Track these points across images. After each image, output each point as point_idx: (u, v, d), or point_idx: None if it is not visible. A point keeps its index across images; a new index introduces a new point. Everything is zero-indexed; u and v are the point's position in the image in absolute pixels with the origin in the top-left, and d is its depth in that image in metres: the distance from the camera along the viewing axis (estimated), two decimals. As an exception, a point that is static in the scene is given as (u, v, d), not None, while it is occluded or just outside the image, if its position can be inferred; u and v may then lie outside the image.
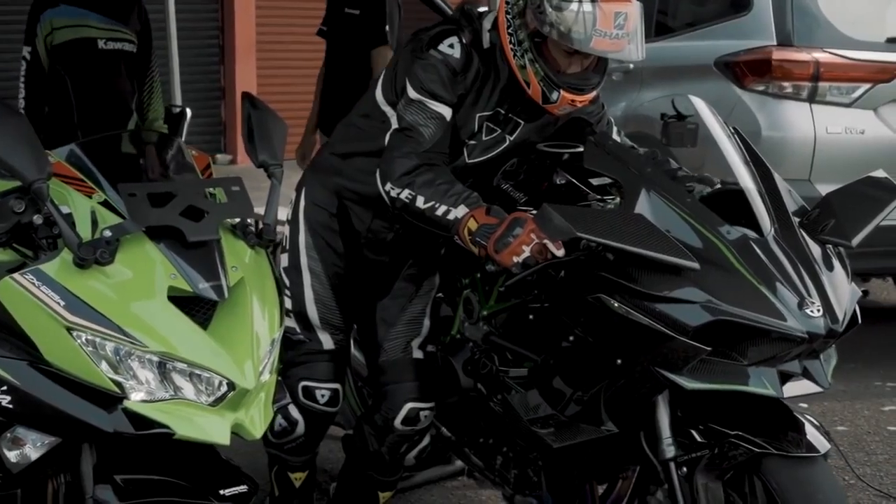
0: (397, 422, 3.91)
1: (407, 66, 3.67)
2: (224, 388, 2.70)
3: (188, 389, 2.69)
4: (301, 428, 3.97)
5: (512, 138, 3.78)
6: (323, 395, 3.95)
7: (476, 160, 3.78)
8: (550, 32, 3.48)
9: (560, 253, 3.27)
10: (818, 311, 3.08)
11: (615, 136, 3.96)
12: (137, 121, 6.31)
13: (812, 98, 6.21)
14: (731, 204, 3.33)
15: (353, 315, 4.03)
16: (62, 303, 2.64)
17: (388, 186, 3.59)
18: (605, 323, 3.18)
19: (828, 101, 6.23)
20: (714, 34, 6.74)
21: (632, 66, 7.23)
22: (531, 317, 3.51)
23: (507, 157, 3.82)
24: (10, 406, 2.70)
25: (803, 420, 3.26)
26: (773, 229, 3.23)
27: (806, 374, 3.19)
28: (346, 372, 4.14)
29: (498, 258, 3.35)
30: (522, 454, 3.72)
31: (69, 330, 2.64)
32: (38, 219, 2.78)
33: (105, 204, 2.80)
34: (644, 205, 3.21)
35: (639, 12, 3.51)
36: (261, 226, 3.00)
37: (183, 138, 7.52)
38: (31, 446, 2.71)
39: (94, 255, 2.68)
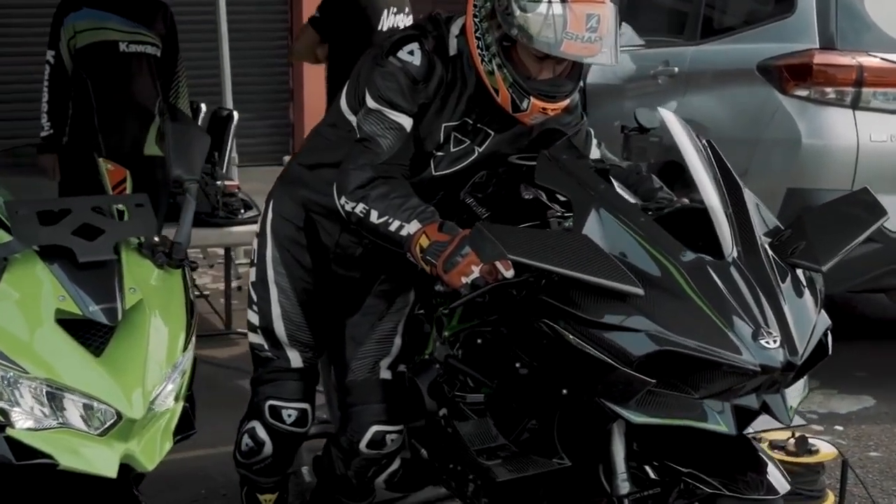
0: (362, 445, 3.74)
1: (367, 74, 3.50)
2: (113, 418, 2.56)
3: (76, 418, 2.55)
4: (268, 448, 3.83)
5: (481, 149, 3.59)
6: (290, 415, 3.80)
7: (443, 172, 3.60)
8: (519, 36, 3.29)
9: (509, 274, 3.09)
10: (774, 341, 2.85)
11: (594, 149, 3.76)
12: (161, 124, 6.24)
13: (855, 104, 5.90)
14: (695, 223, 3.11)
15: (324, 332, 3.88)
16: None
17: (343, 200, 3.43)
18: (551, 350, 2.99)
19: (872, 108, 5.91)
20: (757, 37, 6.45)
21: (676, 69, 6.99)
22: (479, 340, 3.33)
23: (476, 170, 3.63)
24: None
25: (766, 460, 3.03)
26: (735, 251, 3.00)
27: (765, 409, 2.94)
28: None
29: (446, 278, 3.18)
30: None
31: None
32: None
33: (-2, 222, 2.68)
34: (594, 225, 3.00)
35: (612, 14, 3.30)
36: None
37: (230, 142, 7.49)
38: None
39: None
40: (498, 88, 3.39)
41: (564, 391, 3.02)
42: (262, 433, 3.82)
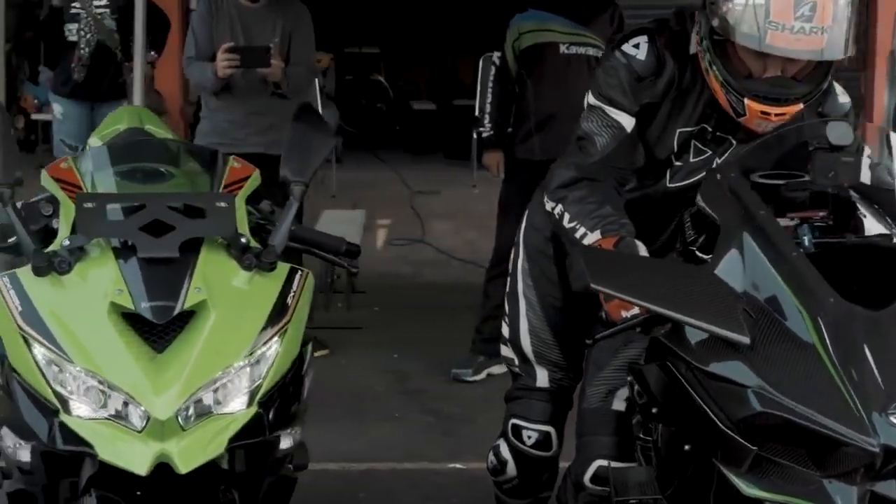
0: (586, 479, 3.41)
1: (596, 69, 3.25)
2: (147, 416, 2.54)
3: (123, 412, 2.56)
4: (511, 469, 3.63)
5: (720, 161, 3.18)
6: (530, 437, 3.58)
7: (677, 185, 3.24)
8: (721, 27, 2.89)
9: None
10: (910, 417, 2.27)
11: (864, 169, 3.17)
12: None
13: None
14: (884, 263, 2.56)
15: (578, 354, 3.61)
16: (20, 309, 2.61)
17: (545, 198, 3.20)
18: (673, 397, 2.58)
19: None
20: None
21: None
22: (630, 378, 2.93)
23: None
24: None
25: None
26: (911, 302, 2.43)
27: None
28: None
29: (606, 308, 2.86)
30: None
31: (24, 338, 2.62)
32: (56, 223, 2.80)
33: (91, 212, 2.73)
34: (734, 256, 2.56)
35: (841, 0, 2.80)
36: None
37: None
38: (14, 448, 2.72)
39: (49, 263, 2.63)
40: (715, 89, 2.99)
41: (687, 447, 2.60)
42: (504, 452, 3.64)
